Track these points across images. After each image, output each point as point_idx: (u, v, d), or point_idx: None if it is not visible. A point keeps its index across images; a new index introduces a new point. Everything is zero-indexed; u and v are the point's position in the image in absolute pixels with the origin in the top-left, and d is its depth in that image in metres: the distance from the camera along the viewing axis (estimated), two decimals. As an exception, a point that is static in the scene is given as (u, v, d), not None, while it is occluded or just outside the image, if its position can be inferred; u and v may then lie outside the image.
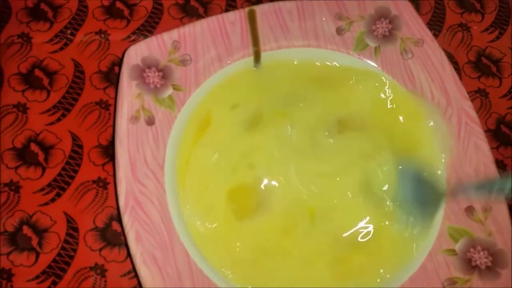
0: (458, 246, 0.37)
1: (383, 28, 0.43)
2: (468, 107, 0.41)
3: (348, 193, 0.38)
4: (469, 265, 0.37)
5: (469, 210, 0.38)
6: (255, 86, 0.42)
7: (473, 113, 0.41)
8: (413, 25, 0.43)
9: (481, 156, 0.39)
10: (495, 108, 0.48)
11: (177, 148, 0.38)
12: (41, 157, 0.41)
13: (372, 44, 0.43)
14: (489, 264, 0.36)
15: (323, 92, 0.42)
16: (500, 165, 0.45)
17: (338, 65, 0.43)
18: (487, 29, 0.51)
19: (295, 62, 0.43)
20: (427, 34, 0.43)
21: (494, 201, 0.38)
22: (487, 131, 0.46)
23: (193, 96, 0.40)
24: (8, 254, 0.38)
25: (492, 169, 0.39)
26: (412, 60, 0.42)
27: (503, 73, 0.49)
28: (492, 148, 0.43)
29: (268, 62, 0.42)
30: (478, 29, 0.51)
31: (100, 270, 0.38)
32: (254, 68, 0.42)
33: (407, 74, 0.42)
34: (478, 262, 0.37)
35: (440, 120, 0.40)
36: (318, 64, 0.43)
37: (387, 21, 0.43)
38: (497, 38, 0.51)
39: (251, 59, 0.42)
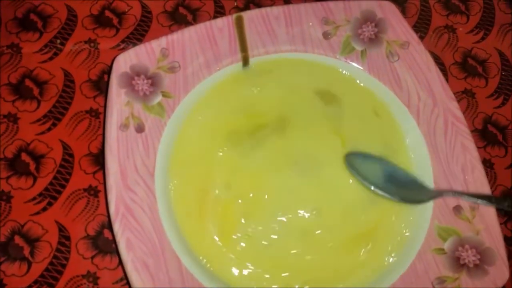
0: (446, 245, 0.37)
1: (369, 31, 0.43)
2: (454, 107, 0.41)
3: None
4: (458, 264, 0.37)
5: (457, 209, 0.38)
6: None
7: (459, 113, 0.41)
8: (399, 27, 0.44)
9: (467, 155, 0.40)
10: (481, 108, 0.48)
11: (167, 154, 0.39)
12: (32, 166, 0.41)
13: (358, 47, 0.43)
14: (477, 262, 0.37)
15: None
16: (488, 164, 0.46)
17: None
18: (472, 31, 0.52)
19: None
20: (413, 37, 0.43)
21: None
22: (474, 130, 0.47)
23: (182, 103, 0.40)
24: (0, 264, 0.38)
25: (479, 168, 0.39)
26: (398, 62, 0.43)
27: (489, 73, 0.50)
28: (479, 148, 0.44)
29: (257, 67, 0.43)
30: (463, 31, 0.52)
31: (93, 278, 0.38)
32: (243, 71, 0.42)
33: (393, 77, 0.42)
34: (466, 261, 0.37)
35: None
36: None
37: (373, 24, 0.44)
38: (482, 39, 0.52)
39: (239, 65, 0.42)
